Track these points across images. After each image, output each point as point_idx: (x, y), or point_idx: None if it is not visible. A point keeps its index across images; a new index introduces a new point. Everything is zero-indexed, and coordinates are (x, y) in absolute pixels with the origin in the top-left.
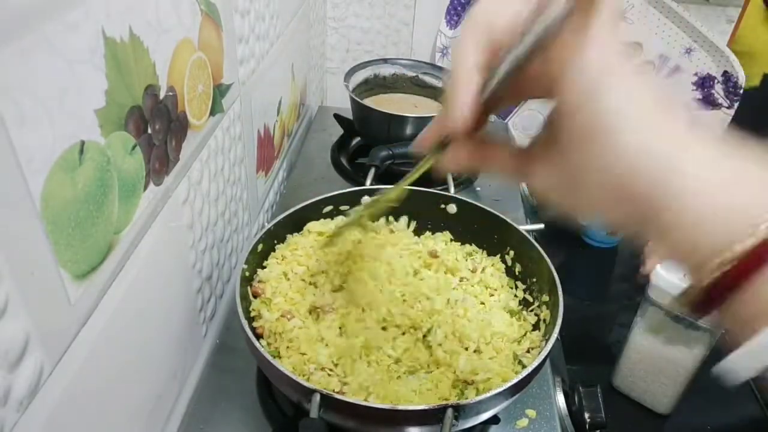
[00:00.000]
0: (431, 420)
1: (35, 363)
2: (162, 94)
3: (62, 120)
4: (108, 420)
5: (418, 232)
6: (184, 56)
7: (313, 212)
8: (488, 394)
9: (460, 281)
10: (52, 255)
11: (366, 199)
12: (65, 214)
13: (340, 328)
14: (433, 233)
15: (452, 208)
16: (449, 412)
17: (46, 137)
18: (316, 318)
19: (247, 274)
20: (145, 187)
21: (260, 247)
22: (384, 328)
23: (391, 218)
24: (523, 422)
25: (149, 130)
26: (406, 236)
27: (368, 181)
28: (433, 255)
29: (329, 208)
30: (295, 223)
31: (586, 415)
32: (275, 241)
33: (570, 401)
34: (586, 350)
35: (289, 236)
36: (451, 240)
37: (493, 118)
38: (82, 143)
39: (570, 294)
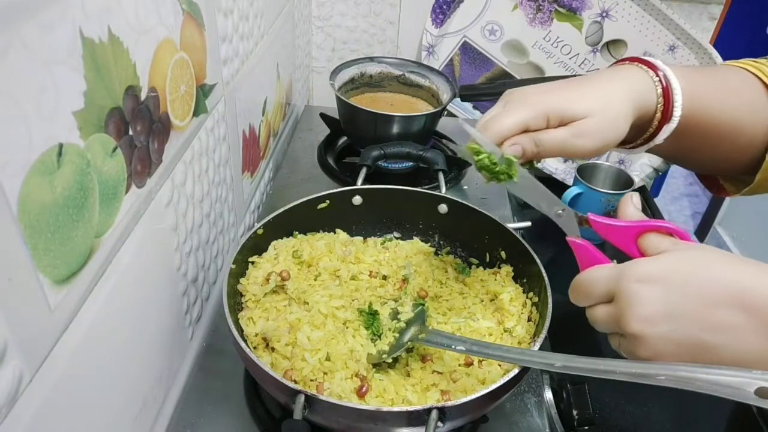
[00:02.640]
0: (415, 421)
1: (14, 370)
2: (143, 95)
3: (39, 122)
4: (92, 426)
5: (408, 234)
6: (165, 56)
7: (301, 212)
8: (473, 396)
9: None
10: (31, 260)
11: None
12: (43, 219)
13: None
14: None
15: (443, 208)
16: (434, 413)
17: (22, 140)
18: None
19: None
20: (127, 190)
21: (248, 247)
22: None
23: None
24: (512, 419)
25: (130, 132)
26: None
27: (360, 181)
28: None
29: (321, 205)
30: (283, 224)
31: (575, 412)
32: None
33: (558, 398)
34: (575, 347)
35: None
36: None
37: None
38: (60, 146)
39: (558, 291)
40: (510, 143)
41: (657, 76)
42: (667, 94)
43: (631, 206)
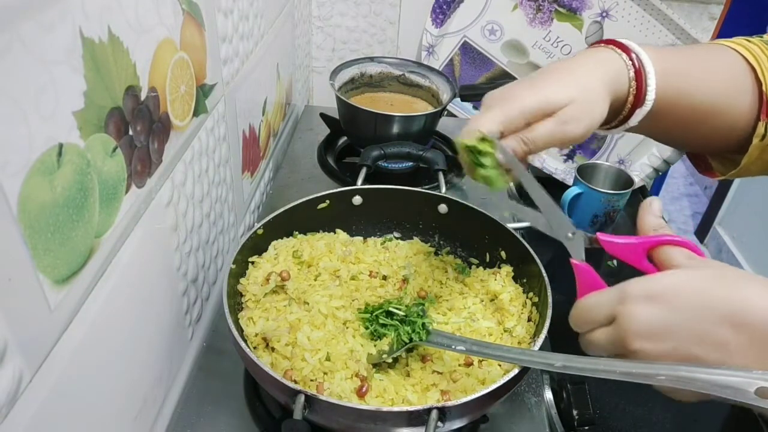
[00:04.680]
0: (415, 421)
1: (14, 370)
2: (143, 95)
3: (39, 122)
4: (92, 426)
5: (408, 234)
6: (165, 56)
7: (301, 212)
8: (473, 396)
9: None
10: (31, 260)
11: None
12: (43, 219)
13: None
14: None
15: (443, 208)
16: (434, 413)
17: (22, 140)
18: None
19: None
20: (127, 190)
21: (248, 247)
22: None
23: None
24: (512, 419)
25: (130, 132)
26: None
27: (360, 181)
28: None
29: (321, 205)
30: (283, 224)
31: (575, 412)
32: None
33: (558, 398)
34: (575, 347)
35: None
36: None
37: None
38: (60, 146)
39: (558, 291)
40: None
41: (630, 59)
42: (639, 77)
43: (649, 215)
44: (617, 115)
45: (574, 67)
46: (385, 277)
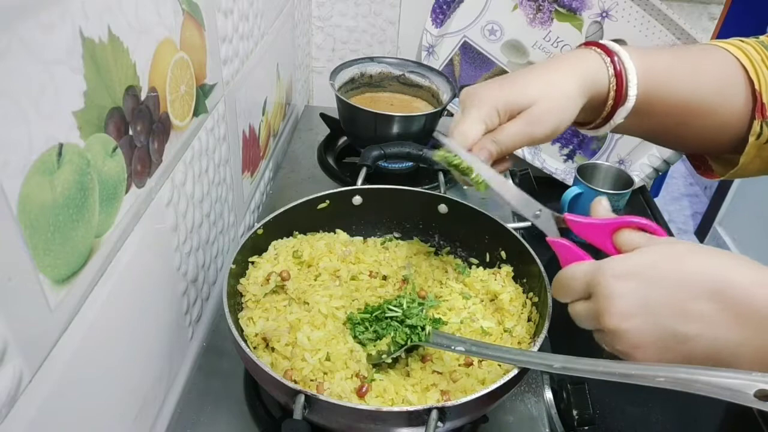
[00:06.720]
0: (415, 421)
1: (14, 370)
2: (143, 95)
3: (39, 122)
4: (92, 426)
5: (408, 234)
6: (165, 56)
7: (301, 212)
8: (473, 396)
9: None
10: (31, 260)
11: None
12: (44, 218)
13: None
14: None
15: (443, 208)
16: (434, 413)
17: (22, 140)
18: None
19: (234, 274)
20: (127, 190)
21: (248, 247)
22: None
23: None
24: (512, 419)
25: (130, 132)
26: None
27: (359, 181)
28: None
29: (321, 205)
30: (283, 224)
31: (575, 412)
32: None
33: (558, 398)
34: (575, 347)
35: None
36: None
37: None
38: (61, 146)
39: None
40: (477, 150)
41: (609, 56)
42: (620, 74)
43: (601, 207)
44: (599, 114)
45: (546, 69)
46: (385, 277)
